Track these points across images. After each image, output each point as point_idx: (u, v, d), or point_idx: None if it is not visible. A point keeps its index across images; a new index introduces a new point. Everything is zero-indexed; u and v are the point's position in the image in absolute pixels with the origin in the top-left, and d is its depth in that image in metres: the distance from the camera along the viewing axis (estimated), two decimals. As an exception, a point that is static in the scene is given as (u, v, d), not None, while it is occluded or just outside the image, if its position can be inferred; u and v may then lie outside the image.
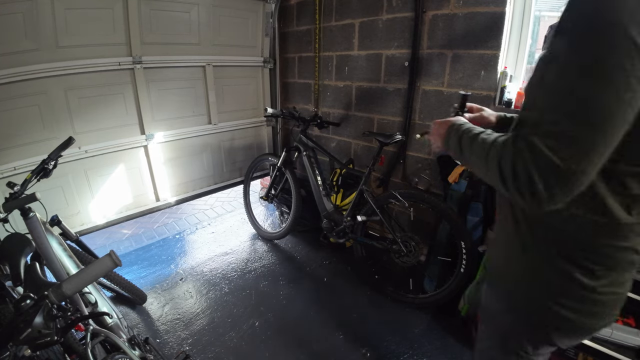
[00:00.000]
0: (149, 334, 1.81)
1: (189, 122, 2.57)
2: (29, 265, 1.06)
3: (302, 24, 2.75)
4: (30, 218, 1.29)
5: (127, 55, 2.11)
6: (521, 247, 0.70)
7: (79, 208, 2.16)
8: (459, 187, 1.81)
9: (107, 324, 1.27)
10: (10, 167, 1.82)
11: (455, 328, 1.83)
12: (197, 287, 2.21)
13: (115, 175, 2.28)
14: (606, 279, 0.63)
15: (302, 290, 2.18)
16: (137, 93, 2.22)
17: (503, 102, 1.82)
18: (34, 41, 1.76)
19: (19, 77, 1.74)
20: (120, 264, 0.77)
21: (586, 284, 0.63)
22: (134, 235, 2.91)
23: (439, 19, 1.94)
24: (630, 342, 1.26)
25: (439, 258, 1.96)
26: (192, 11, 2.33)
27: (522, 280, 0.72)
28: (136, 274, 2.32)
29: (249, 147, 3.05)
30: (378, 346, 1.75)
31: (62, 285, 0.74)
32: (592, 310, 0.67)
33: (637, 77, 0.45)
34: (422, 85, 2.12)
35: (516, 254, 0.71)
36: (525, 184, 0.51)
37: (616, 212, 0.58)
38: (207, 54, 2.51)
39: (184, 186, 2.70)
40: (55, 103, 1.92)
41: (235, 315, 1.96)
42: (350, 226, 2.17)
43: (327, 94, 2.72)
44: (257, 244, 2.76)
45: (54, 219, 1.56)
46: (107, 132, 2.16)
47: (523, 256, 0.70)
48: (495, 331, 0.83)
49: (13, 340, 0.65)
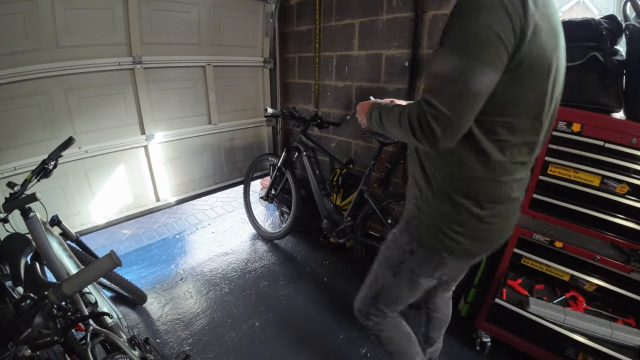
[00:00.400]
0: (149, 334, 1.81)
1: (189, 122, 2.57)
2: (29, 265, 1.06)
3: (302, 24, 2.75)
4: (30, 218, 1.29)
5: (127, 56, 2.11)
6: (428, 192, 0.89)
7: (79, 208, 2.16)
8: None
9: (107, 324, 1.27)
10: (11, 167, 1.82)
11: (456, 328, 1.83)
12: (197, 287, 2.21)
13: (115, 176, 2.28)
14: (491, 210, 0.84)
15: (302, 290, 2.18)
16: (137, 93, 2.22)
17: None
18: (34, 41, 1.75)
19: (19, 77, 1.74)
20: (120, 264, 0.77)
21: (475, 213, 0.84)
22: (134, 235, 2.91)
23: (439, 19, 1.94)
24: (630, 342, 1.26)
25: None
26: (192, 11, 2.33)
27: (427, 216, 0.90)
28: (136, 274, 2.32)
29: (249, 147, 3.05)
30: (378, 346, 1.75)
31: (62, 285, 0.74)
32: (479, 236, 0.88)
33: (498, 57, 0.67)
34: (422, 86, 2.13)
35: (423, 198, 0.90)
36: (426, 129, 0.71)
37: (492, 153, 0.78)
38: (207, 54, 2.50)
39: (184, 186, 2.70)
40: (56, 103, 1.92)
41: (235, 316, 1.96)
42: (350, 226, 2.17)
43: (327, 94, 2.72)
44: (257, 244, 2.76)
45: (54, 219, 1.56)
46: (107, 132, 2.16)
47: (428, 198, 0.89)
48: (394, 260, 1.02)
49: (13, 340, 0.65)
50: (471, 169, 0.80)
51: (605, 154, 1.24)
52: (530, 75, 0.72)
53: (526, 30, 0.65)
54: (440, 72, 0.71)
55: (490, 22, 0.64)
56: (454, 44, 0.70)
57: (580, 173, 1.29)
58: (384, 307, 1.11)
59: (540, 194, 1.39)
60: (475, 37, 0.66)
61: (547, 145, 1.33)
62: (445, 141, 0.72)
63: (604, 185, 1.26)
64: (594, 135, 1.25)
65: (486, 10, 0.64)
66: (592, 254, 1.32)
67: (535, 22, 0.66)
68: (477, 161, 0.79)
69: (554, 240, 1.40)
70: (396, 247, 1.01)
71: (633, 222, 1.23)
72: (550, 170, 1.35)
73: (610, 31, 1.24)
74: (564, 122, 1.29)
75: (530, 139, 0.80)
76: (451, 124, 0.70)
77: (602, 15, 1.31)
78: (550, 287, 1.53)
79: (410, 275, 0.99)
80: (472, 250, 0.90)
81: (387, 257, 1.06)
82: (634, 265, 1.24)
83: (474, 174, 0.80)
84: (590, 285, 1.38)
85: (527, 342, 1.47)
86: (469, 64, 0.67)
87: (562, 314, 1.35)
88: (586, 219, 1.31)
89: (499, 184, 0.82)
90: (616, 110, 1.28)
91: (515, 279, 1.57)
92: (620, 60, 1.23)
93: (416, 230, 0.94)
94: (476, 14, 0.65)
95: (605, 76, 1.24)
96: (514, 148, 0.79)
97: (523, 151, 0.81)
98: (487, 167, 0.79)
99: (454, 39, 0.70)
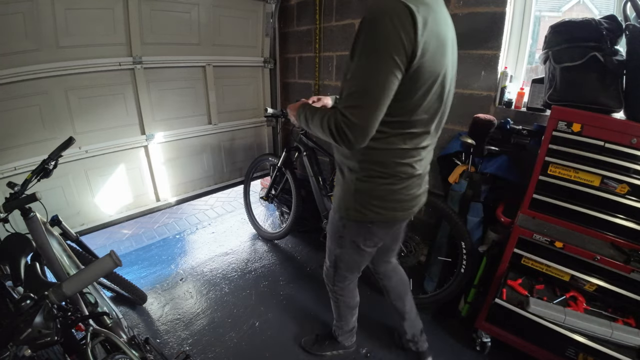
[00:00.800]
0: (149, 334, 1.81)
1: (189, 122, 2.57)
2: (29, 265, 1.06)
3: (303, 24, 2.75)
4: (30, 218, 1.29)
5: (127, 56, 2.11)
6: (353, 178, 1.08)
7: (79, 208, 2.16)
8: (459, 187, 1.81)
9: (107, 324, 1.27)
10: (11, 167, 1.82)
11: (456, 328, 1.83)
12: (197, 287, 2.21)
13: (115, 176, 2.28)
14: (400, 185, 1.06)
15: (302, 290, 2.18)
16: (137, 93, 2.22)
17: (503, 102, 1.82)
18: (35, 41, 1.75)
19: (19, 77, 1.74)
20: (120, 264, 0.77)
21: (389, 189, 1.06)
22: (134, 235, 2.91)
23: (439, 19, 1.94)
24: (630, 342, 1.26)
25: (439, 258, 1.96)
26: (193, 11, 2.33)
27: (349, 194, 1.11)
28: (136, 274, 2.32)
29: (249, 147, 3.05)
30: (379, 346, 1.75)
31: (63, 285, 0.74)
32: (395, 206, 1.10)
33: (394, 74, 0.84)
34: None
35: (350, 182, 1.10)
36: (343, 135, 0.89)
37: (398, 143, 0.99)
38: (207, 54, 2.50)
39: (184, 186, 2.70)
40: (56, 103, 1.92)
41: (235, 316, 1.96)
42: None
43: (328, 94, 2.71)
44: (257, 244, 2.76)
45: (54, 219, 1.56)
46: (107, 132, 2.16)
47: (354, 182, 1.08)
48: (335, 235, 1.25)
49: (13, 340, 0.65)
50: (382, 156, 1.01)
51: (605, 154, 1.23)
52: (424, 82, 0.90)
53: (416, 50, 0.83)
54: (350, 87, 0.87)
55: (389, 48, 0.81)
56: (358, 67, 0.86)
57: (581, 173, 1.29)
58: (345, 272, 1.38)
59: (540, 194, 1.39)
60: (376, 61, 0.83)
61: (547, 145, 1.33)
62: (357, 144, 0.90)
63: (604, 185, 1.25)
64: (594, 136, 1.25)
65: (383, 39, 0.81)
66: (592, 254, 1.32)
67: (424, 41, 0.84)
68: (387, 150, 1.00)
69: (554, 240, 1.40)
70: (334, 225, 1.24)
71: (633, 222, 1.23)
72: (550, 171, 1.35)
73: (610, 31, 1.24)
74: (564, 122, 1.29)
75: (427, 129, 1.01)
76: (362, 130, 0.87)
77: (602, 15, 1.31)
78: (551, 287, 1.53)
79: (351, 244, 1.23)
80: (391, 218, 1.13)
81: (331, 234, 1.29)
82: (634, 266, 1.24)
83: (385, 159, 1.02)
84: (591, 286, 1.38)
85: (527, 342, 1.46)
86: (373, 82, 0.85)
87: (562, 314, 1.35)
88: (586, 219, 1.31)
89: (405, 165, 1.04)
90: (616, 111, 1.28)
91: (516, 279, 1.57)
92: (620, 60, 1.22)
93: (345, 208, 1.14)
94: (377, 42, 0.82)
95: (605, 76, 1.24)
96: (415, 138, 1.00)
97: (423, 139, 1.02)
98: (395, 154, 1.01)
99: (359, 62, 0.86)
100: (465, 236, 1.75)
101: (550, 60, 1.36)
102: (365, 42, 0.84)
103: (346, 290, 1.47)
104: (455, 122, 2.02)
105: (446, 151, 1.94)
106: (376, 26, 0.82)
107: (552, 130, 1.31)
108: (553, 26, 1.36)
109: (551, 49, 1.35)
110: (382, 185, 1.05)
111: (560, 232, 1.38)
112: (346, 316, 1.58)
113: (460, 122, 1.99)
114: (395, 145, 0.99)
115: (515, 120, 1.75)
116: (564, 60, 1.30)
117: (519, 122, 1.73)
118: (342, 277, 1.41)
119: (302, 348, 1.72)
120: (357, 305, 1.58)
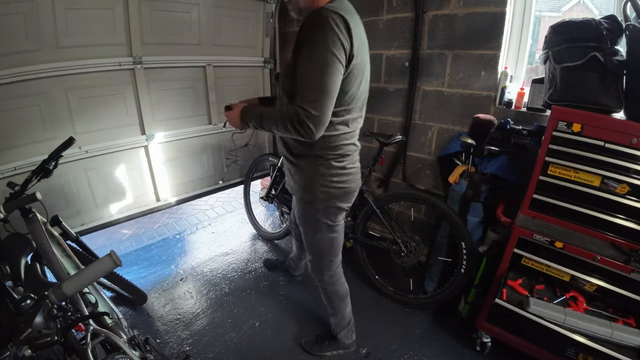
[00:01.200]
0: (149, 334, 1.80)
1: (189, 122, 2.57)
2: (29, 266, 1.06)
3: (303, 24, 2.74)
4: (30, 218, 1.29)
5: (127, 56, 2.11)
6: (312, 165, 1.23)
7: (79, 208, 2.16)
8: (459, 187, 1.81)
9: (107, 324, 1.26)
10: (11, 167, 1.82)
11: (456, 329, 1.83)
12: (197, 287, 2.21)
13: (115, 176, 2.28)
14: (347, 161, 1.26)
15: (302, 290, 2.18)
16: (137, 93, 2.22)
17: (503, 102, 1.82)
18: (35, 41, 1.75)
19: (19, 78, 1.74)
20: (120, 264, 0.77)
21: (340, 166, 1.24)
22: (134, 235, 2.91)
23: (439, 19, 1.94)
24: (631, 342, 1.26)
25: (439, 258, 1.96)
26: (193, 11, 2.33)
27: (310, 180, 1.24)
28: (136, 274, 2.32)
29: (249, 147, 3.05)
30: (379, 346, 1.75)
31: (63, 285, 0.74)
32: (346, 179, 1.27)
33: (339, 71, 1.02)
34: (423, 86, 2.12)
35: (311, 169, 1.24)
36: (305, 127, 1.02)
37: (343, 128, 1.19)
38: (208, 54, 2.50)
39: (184, 186, 2.70)
40: (56, 103, 1.92)
41: (235, 316, 1.96)
42: (350, 226, 2.17)
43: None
44: (257, 244, 2.76)
45: (54, 219, 1.56)
46: (107, 132, 2.16)
47: (308, 167, 1.24)
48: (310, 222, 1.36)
49: (13, 340, 0.65)
50: (334, 140, 1.19)
51: (605, 154, 1.23)
52: (357, 76, 1.11)
53: (353, 51, 1.03)
54: (305, 84, 1.02)
55: (333, 49, 0.98)
56: (309, 66, 1.01)
57: (581, 173, 1.29)
58: (330, 256, 1.46)
59: (541, 194, 1.39)
60: (324, 60, 0.99)
61: (547, 145, 1.33)
62: (318, 133, 1.05)
63: (604, 185, 1.25)
64: (594, 136, 1.25)
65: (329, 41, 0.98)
66: (593, 254, 1.32)
67: (357, 44, 1.04)
68: (336, 135, 1.18)
69: (554, 240, 1.40)
70: (306, 213, 1.35)
71: (633, 222, 1.23)
72: (550, 171, 1.35)
73: (610, 31, 1.24)
74: (564, 122, 1.29)
75: (361, 113, 1.25)
76: (320, 120, 1.02)
77: (602, 16, 1.31)
78: (551, 287, 1.53)
79: (325, 225, 1.34)
80: (349, 189, 1.29)
81: (305, 226, 1.39)
82: (634, 266, 1.24)
83: (337, 143, 1.20)
84: (591, 286, 1.38)
85: (527, 343, 1.46)
86: (324, 78, 1.00)
87: (563, 314, 1.35)
88: (586, 219, 1.31)
89: (350, 144, 1.25)
90: (616, 111, 1.28)
91: (516, 279, 1.57)
92: (620, 60, 1.22)
93: (311, 193, 1.26)
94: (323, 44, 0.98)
95: (606, 76, 1.24)
96: (354, 121, 1.22)
97: (357, 121, 1.25)
98: (344, 137, 1.20)
99: (310, 62, 1.01)
100: (465, 236, 1.75)
101: (551, 60, 1.36)
102: (312, 44, 1.00)
103: (335, 276, 1.53)
104: (456, 122, 2.02)
105: (446, 151, 1.94)
106: (320, 30, 0.98)
107: (552, 131, 1.31)
108: (553, 26, 1.36)
109: (551, 49, 1.35)
110: (337, 164, 1.23)
111: (560, 232, 1.38)
112: (340, 307, 1.61)
113: (461, 122, 1.99)
114: (342, 130, 1.19)
115: (516, 120, 1.75)
116: (564, 60, 1.30)
117: (519, 122, 1.73)
118: (329, 263, 1.47)
119: (302, 348, 1.72)
120: (347, 294, 1.62)
